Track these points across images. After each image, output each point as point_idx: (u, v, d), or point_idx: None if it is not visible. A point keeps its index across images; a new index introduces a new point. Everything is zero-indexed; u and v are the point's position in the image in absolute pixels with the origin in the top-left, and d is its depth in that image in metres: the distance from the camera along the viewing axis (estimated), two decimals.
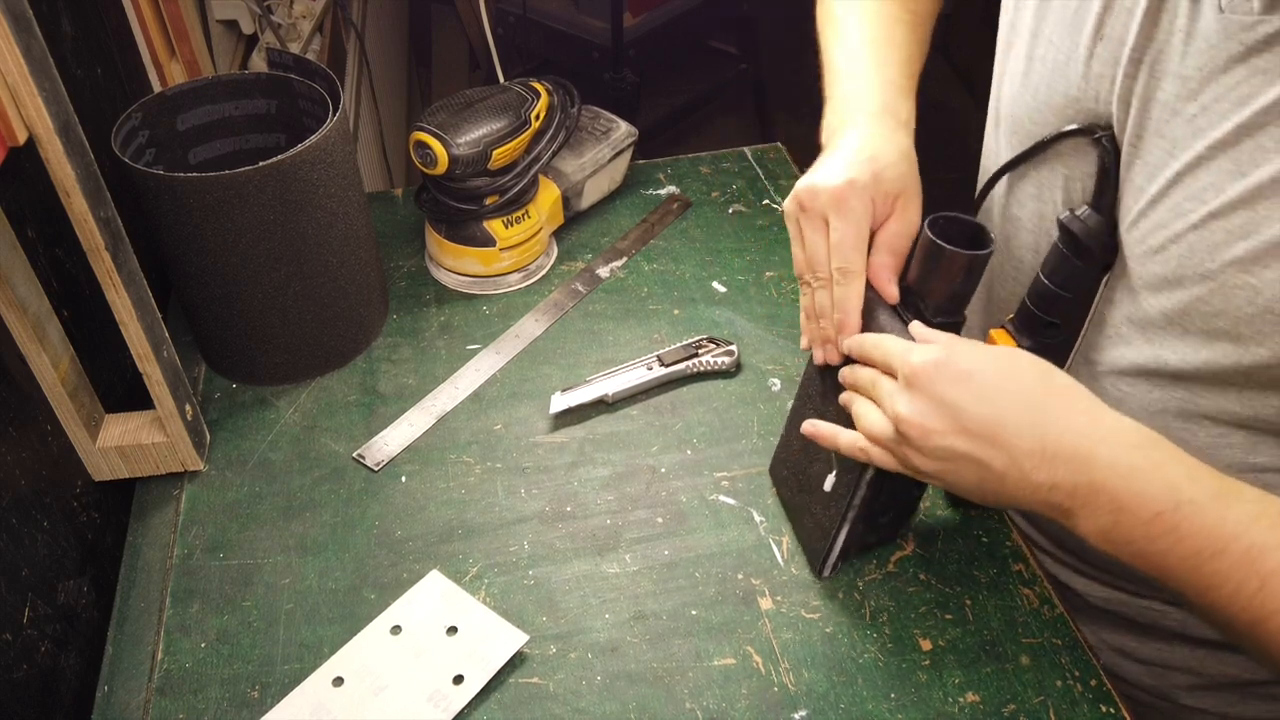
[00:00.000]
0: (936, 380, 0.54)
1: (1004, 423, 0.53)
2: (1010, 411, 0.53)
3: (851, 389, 0.62)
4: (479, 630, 0.67)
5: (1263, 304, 0.54)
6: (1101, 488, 0.51)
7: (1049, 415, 0.53)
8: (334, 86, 0.80)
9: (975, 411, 0.53)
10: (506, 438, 0.82)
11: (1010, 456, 0.52)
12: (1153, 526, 0.50)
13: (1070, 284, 0.63)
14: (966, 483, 0.55)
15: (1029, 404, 0.53)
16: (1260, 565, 0.48)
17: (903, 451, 0.56)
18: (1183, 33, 0.54)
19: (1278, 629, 0.47)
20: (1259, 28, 0.51)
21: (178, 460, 0.77)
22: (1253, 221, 0.53)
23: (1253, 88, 0.52)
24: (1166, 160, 0.57)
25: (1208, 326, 0.57)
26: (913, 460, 0.56)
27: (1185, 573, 0.50)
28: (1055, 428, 0.52)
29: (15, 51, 0.54)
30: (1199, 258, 0.56)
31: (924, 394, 0.54)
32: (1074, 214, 0.62)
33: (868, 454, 0.59)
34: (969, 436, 0.53)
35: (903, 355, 0.56)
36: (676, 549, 0.73)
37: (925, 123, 0.70)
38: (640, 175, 1.10)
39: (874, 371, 0.59)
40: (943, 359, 0.55)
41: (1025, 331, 0.65)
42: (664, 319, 0.92)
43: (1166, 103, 0.56)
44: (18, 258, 0.66)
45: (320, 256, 0.80)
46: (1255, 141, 0.52)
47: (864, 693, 0.65)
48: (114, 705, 0.65)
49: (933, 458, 0.55)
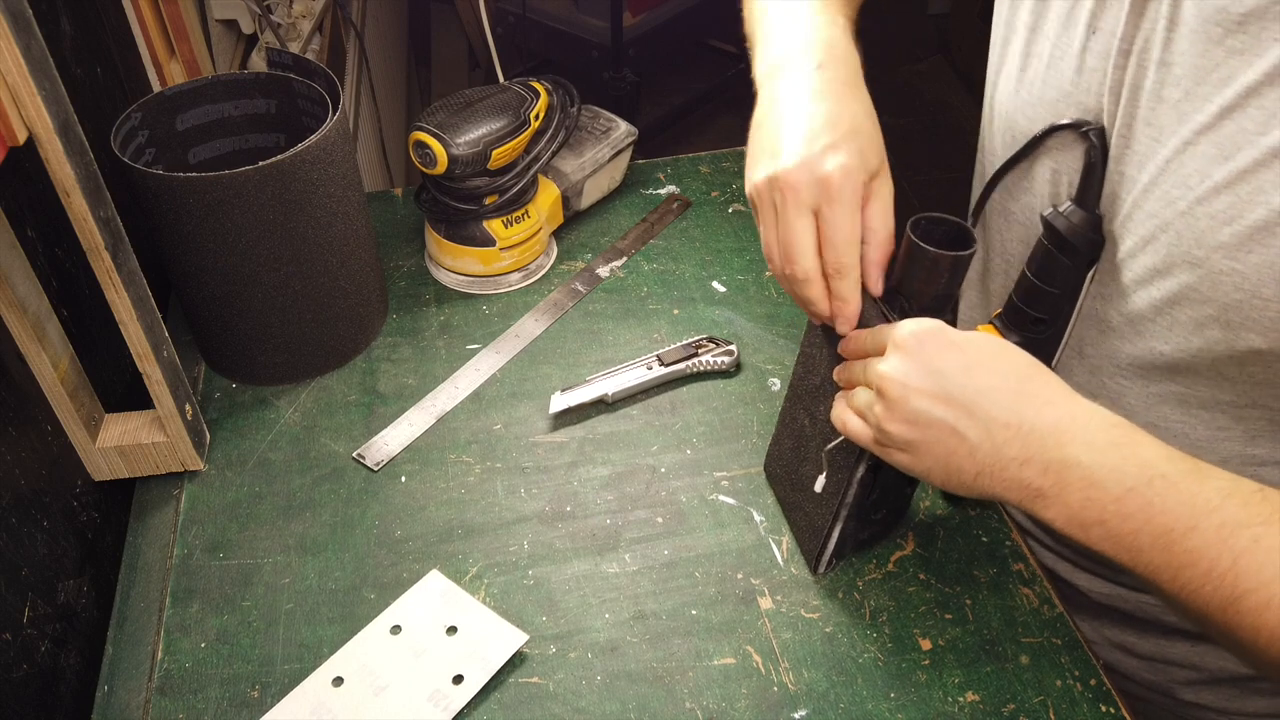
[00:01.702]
0: (926, 344, 0.54)
1: (985, 396, 0.52)
2: (992, 386, 0.52)
3: (845, 385, 0.61)
4: (479, 630, 0.67)
5: (1250, 289, 0.54)
6: (1075, 463, 0.50)
7: (1028, 395, 0.52)
8: (334, 86, 0.80)
9: (959, 380, 0.53)
10: (506, 437, 0.82)
11: (986, 428, 0.52)
12: (1125, 503, 0.49)
13: (1056, 280, 0.63)
14: (934, 455, 0.54)
15: (1011, 383, 0.53)
16: (1233, 542, 0.47)
17: (876, 414, 0.55)
18: (1166, 19, 0.55)
19: (1250, 608, 0.47)
20: (1233, 8, 0.51)
21: (178, 460, 0.78)
22: (1236, 206, 0.53)
23: (1232, 69, 0.52)
24: (1154, 148, 0.57)
25: (1198, 315, 0.57)
26: (885, 424, 0.54)
27: (1157, 552, 0.49)
28: (1033, 405, 0.52)
29: (15, 51, 0.54)
30: (1187, 245, 0.56)
31: (911, 356, 0.54)
32: (1058, 210, 0.62)
33: (845, 424, 0.58)
34: (948, 403, 0.52)
35: (895, 327, 0.56)
36: (676, 549, 0.74)
37: (925, 122, 0.70)
38: (640, 175, 1.10)
39: (864, 360, 0.59)
40: (935, 329, 0.54)
41: (1013, 327, 0.65)
42: (664, 319, 0.92)
43: (1153, 90, 0.56)
44: (18, 257, 0.66)
45: (320, 256, 0.80)
46: (1236, 124, 0.52)
47: (864, 692, 0.65)
48: (114, 705, 0.65)
49: (906, 421, 0.54)
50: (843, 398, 0.60)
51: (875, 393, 0.55)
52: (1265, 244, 0.52)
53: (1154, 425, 0.63)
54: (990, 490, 0.53)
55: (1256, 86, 0.51)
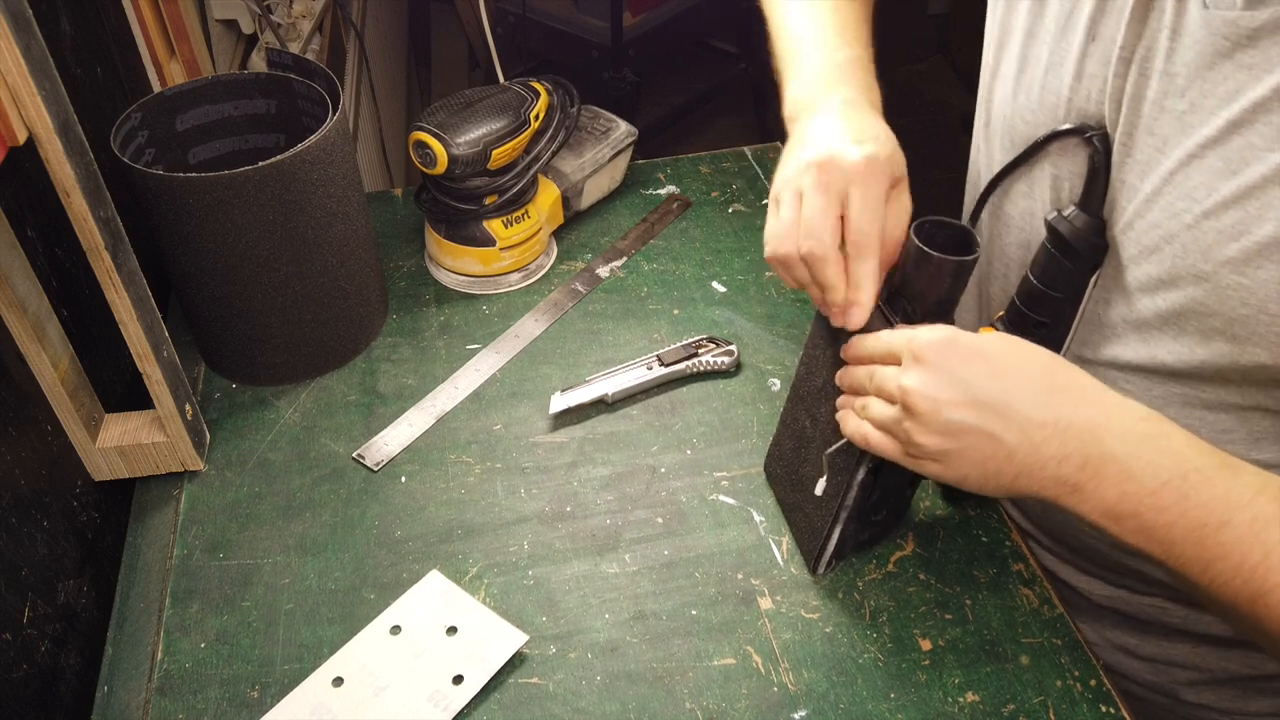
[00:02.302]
0: (948, 355, 0.54)
1: (1017, 397, 0.53)
2: (1022, 387, 0.53)
3: (849, 390, 0.61)
4: (479, 630, 0.67)
5: (1257, 305, 0.54)
6: (1112, 456, 0.51)
7: (1060, 391, 0.53)
8: (334, 86, 0.80)
9: (988, 386, 0.53)
10: (506, 438, 0.82)
11: (1022, 429, 0.52)
12: (1161, 496, 0.50)
13: (1059, 284, 0.63)
14: (970, 461, 0.54)
15: (1041, 381, 0.53)
16: (1265, 536, 0.48)
17: (906, 429, 0.55)
18: (1169, 29, 0.55)
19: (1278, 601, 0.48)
20: (1243, 23, 0.51)
21: (178, 460, 0.78)
22: (1244, 221, 0.52)
23: (1239, 83, 0.52)
24: (1156, 158, 0.57)
25: (1203, 327, 0.57)
26: (916, 437, 0.55)
27: (1190, 545, 0.50)
28: (1068, 401, 0.53)
29: (15, 51, 0.54)
30: (1193, 259, 0.56)
31: (934, 368, 0.54)
32: (1061, 214, 0.62)
33: (867, 439, 0.58)
34: (980, 409, 0.53)
35: (907, 337, 0.56)
36: (676, 549, 0.74)
37: (925, 122, 0.70)
38: (640, 175, 1.10)
39: (870, 366, 0.59)
40: (951, 337, 0.55)
41: (1015, 330, 0.65)
42: (664, 319, 0.92)
43: (1155, 100, 0.56)
44: (18, 257, 0.66)
45: (320, 256, 0.80)
46: (1245, 139, 0.52)
47: (864, 692, 0.65)
48: (114, 705, 0.65)
49: (940, 433, 0.54)
50: (851, 407, 0.61)
51: (900, 407, 0.55)
52: (1274, 260, 0.52)
53: None
54: (1027, 489, 0.54)
55: (1265, 102, 0.50)
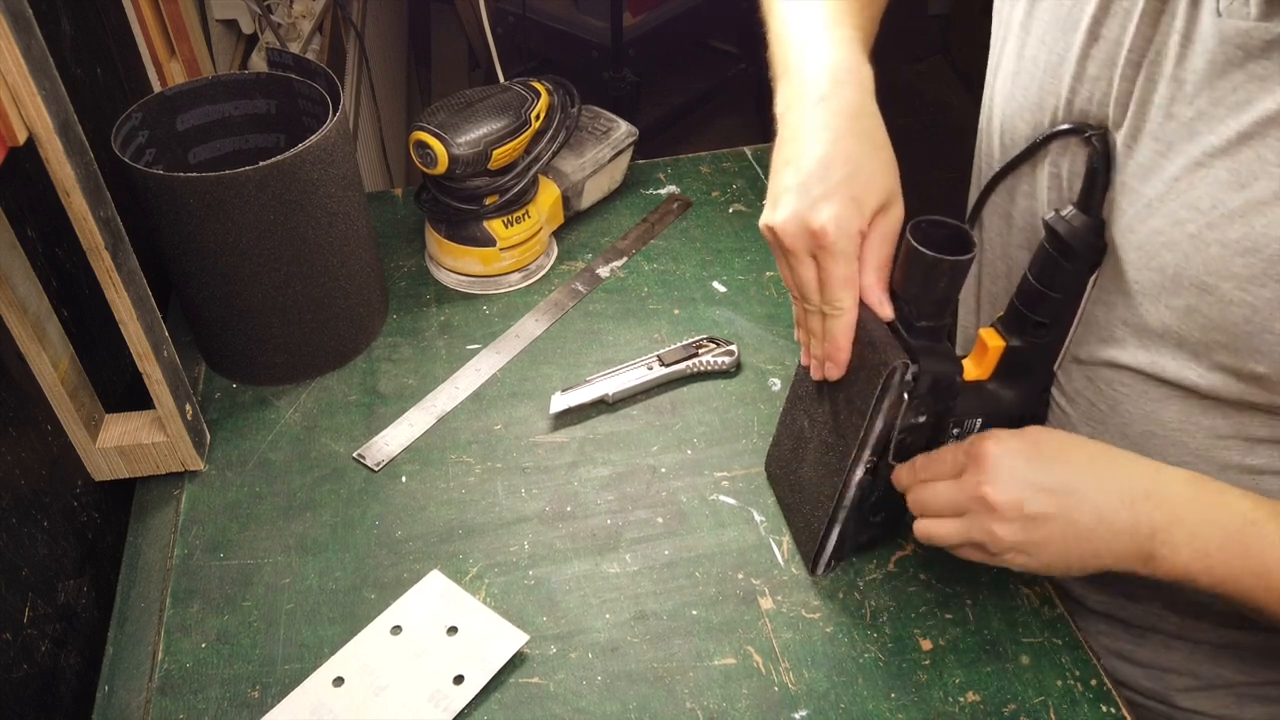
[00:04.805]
0: (1004, 456, 0.58)
1: (1081, 480, 0.57)
2: (1084, 469, 0.57)
3: (919, 512, 0.63)
4: (479, 630, 0.67)
5: (1260, 322, 0.53)
6: (1179, 520, 0.55)
7: (1114, 467, 0.58)
8: (334, 86, 0.80)
9: (1053, 473, 0.57)
10: (506, 438, 0.82)
11: (1095, 508, 0.56)
12: (1227, 549, 0.54)
13: (1058, 284, 0.63)
14: (1052, 547, 0.57)
15: (1093, 463, 0.58)
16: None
17: (988, 526, 0.58)
18: (1180, 35, 0.54)
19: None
20: (1256, 34, 0.50)
21: (178, 460, 0.77)
22: (1250, 237, 0.52)
23: (1250, 94, 0.51)
24: (1159, 162, 0.56)
25: (1205, 338, 0.57)
26: (998, 531, 0.58)
27: (1260, 590, 0.55)
28: (1126, 475, 0.57)
29: (15, 51, 0.54)
30: (1196, 270, 0.55)
31: (1002, 469, 0.57)
32: (1059, 214, 0.62)
33: (965, 556, 0.61)
34: (1054, 496, 0.56)
35: (958, 451, 0.60)
36: (677, 549, 0.74)
37: (925, 122, 0.70)
38: (640, 175, 1.10)
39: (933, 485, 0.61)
40: (996, 440, 0.58)
41: (1014, 331, 0.65)
42: (664, 319, 0.92)
43: (1161, 105, 0.56)
44: (17, 257, 0.66)
45: (320, 256, 0.80)
46: (1254, 152, 0.51)
47: (864, 692, 0.65)
48: (114, 705, 0.65)
49: (1022, 526, 0.57)
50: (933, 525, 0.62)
51: (980, 511, 0.58)
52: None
53: (1152, 433, 0.63)
54: (1103, 564, 0.57)
55: (1277, 116, 0.50)
